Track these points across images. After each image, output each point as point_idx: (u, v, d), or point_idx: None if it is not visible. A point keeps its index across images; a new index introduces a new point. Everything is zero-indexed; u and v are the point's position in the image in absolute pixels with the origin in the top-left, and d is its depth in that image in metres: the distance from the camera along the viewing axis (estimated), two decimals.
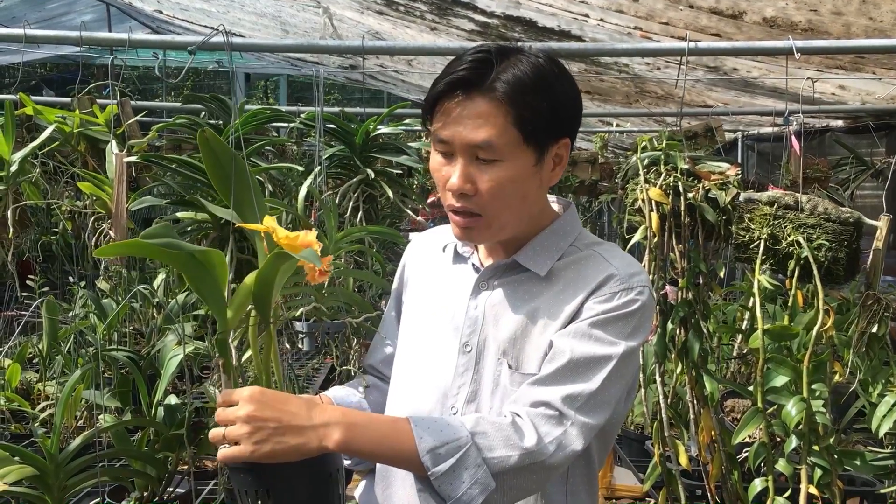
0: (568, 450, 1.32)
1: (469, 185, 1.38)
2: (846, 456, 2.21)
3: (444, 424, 1.30)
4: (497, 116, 1.36)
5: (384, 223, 2.76)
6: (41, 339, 3.12)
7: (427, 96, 1.44)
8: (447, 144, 1.40)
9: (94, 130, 2.51)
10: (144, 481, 2.28)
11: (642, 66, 4.42)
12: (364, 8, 4.78)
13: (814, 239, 2.15)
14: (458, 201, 1.40)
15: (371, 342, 1.81)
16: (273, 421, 1.23)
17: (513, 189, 1.40)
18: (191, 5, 6.06)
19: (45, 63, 10.30)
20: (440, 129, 1.40)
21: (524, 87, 1.37)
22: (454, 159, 1.40)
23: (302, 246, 1.29)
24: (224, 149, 1.56)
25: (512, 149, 1.38)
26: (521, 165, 1.39)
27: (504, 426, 1.30)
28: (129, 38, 2.42)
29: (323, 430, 1.25)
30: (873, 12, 2.78)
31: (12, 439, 2.72)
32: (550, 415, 1.32)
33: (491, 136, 1.36)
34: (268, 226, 1.31)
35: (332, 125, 2.65)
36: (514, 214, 1.43)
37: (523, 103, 1.36)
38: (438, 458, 1.26)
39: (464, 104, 1.37)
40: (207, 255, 1.32)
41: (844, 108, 4.41)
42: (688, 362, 2.40)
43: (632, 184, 2.48)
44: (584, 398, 1.34)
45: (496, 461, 1.28)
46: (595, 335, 1.37)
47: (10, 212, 2.31)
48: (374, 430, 1.29)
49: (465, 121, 1.37)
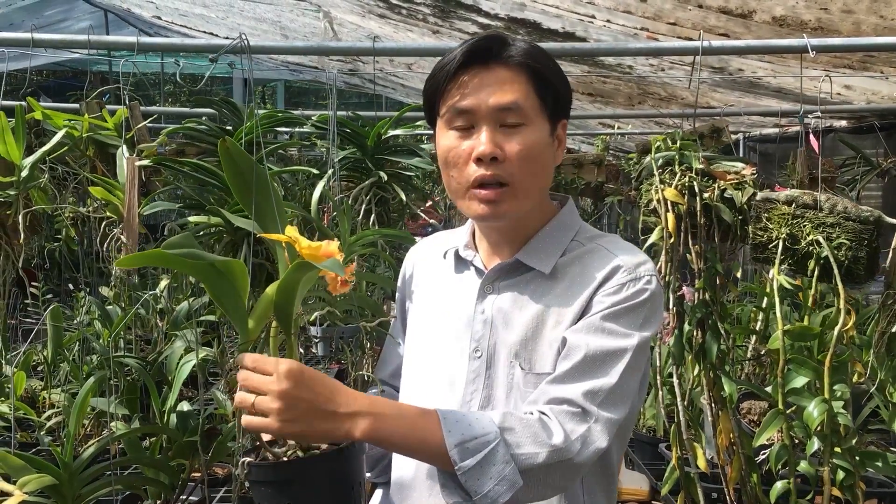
0: (593, 447, 1.30)
1: (499, 150, 1.38)
2: (868, 457, 2.19)
3: (472, 419, 1.27)
4: (520, 82, 1.39)
5: (396, 226, 2.74)
6: (45, 346, 3.09)
7: (433, 79, 1.43)
8: (468, 115, 1.39)
9: (104, 135, 2.48)
10: (157, 489, 2.26)
11: (646, 68, 4.41)
12: (366, 11, 4.76)
13: (833, 238, 2.13)
14: (488, 168, 1.38)
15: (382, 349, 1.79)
16: (306, 402, 1.20)
17: (537, 154, 1.41)
18: (190, 11, 6.04)
19: (42, 70, 10.26)
20: (460, 100, 1.40)
21: (539, 56, 1.41)
22: (474, 131, 1.40)
23: (324, 256, 1.26)
24: (245, 158, 1.53)
25: (535, 113, 1.40)
26: (542, 132, 1.41)
27: (532, 423, 1.28)
28: (137, 42, 2.40)
29: (353, 418, 1.22)
30: (884, 10, 2.77)
31: (19, 448, 2.70)
32: (574, 412, 1.30)
33: (519, 97, 1.38)
34: (290, 236, 1.29)
35: (344, 128, 2.63)
36: (537, 184, 1.43)
37: (542, 70, 1.41)
38: (466, 453, 1.24)
39: (483, 73, 1.39)
40: (228, 266, 1.29)
41: (851, 107, 4.39)
42: (705, 364, 2.38)
43: (646, 184, 2.46)
44: (605, 393, 1.32)
45: (524, 458, 1.26)
46: (608, 328, 1.36)
47: (20, 217, 2.29)
48: (402, 421, 1.26)
49: (488, 87, 1.38)
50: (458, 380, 1.47)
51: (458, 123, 1.41)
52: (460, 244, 1.57)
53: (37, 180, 2.37)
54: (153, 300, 3.03)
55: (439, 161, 1.48)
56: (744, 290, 3.30)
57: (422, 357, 1.56)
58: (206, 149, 2.38)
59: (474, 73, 1.39)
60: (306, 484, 1.29)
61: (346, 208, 2.27)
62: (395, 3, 4.37)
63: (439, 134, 1.46)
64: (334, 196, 2.40)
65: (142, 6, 6.31)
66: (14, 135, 2.32)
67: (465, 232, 1.60)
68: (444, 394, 1.48)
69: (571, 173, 4.09)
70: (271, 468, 1.34)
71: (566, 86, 1.48)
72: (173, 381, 2.37)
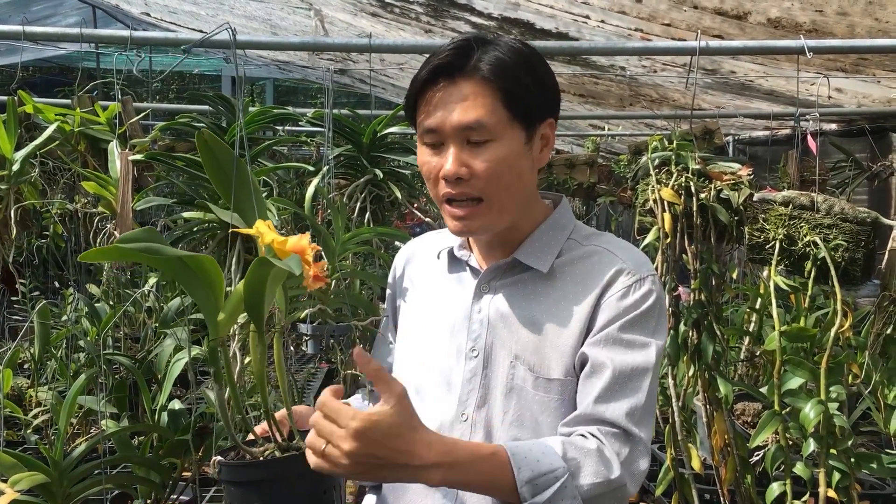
0: (641, 470, 1.33)
1: (464, 169, 1.36)
2: (863, 459, 2.19)
3: (539, 454, 1.27)
4: (485, 96, 1.35)
5: (391, 224, 2.72)
6: (32, 343, 3.06)
7: (408, 92, 1.42)
8: (435, 133, 1.37)
9: (96, 130, 2.45)
10: (148, 487, 2.23)
11: (639, 69, 4.41)
12: (358, 10, 4.74)
13: (830, 239, 2.13)
14: (454, 188, 1.37)
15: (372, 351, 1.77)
16: (379, 459, 1.18)
17: (508, 168, 1.37)
18: (179, 8, 6.00)
19: (28, 66, 10.19)
20: (426, 118, 1.38)
21: (507, 65, 1.36)
22: (444, 148, 1.38)
23: (290, 251, 1.23)
24: (224, 150, 1.51)
25: (502, 127, 1.36)
26: (513, 144, 1.38)
27: (592, 453, 1.29)
28: (130, 36, 2.37)
29: (427, 470, 1.21)
30: (879, 13, 2.78)
31: (5, 446, 2.67)
32: (618, 434, 1.32)
33: (481, 115, 1.34)
34: (257, 229, 1.26)
35: (341, 125, 2.61)
36: (513, 196, 1.41)
37: (509, 80, 1.36)
38: (536, 489, 1.24)
39: (448, 89, 1.36)
40: (198, 261, 1.27)
41: (841, 111, 4.42)
42: (700, 365, 2.37)
43: (643, 184, 2.46)
44: (640, 412, 1.34)
45: (587, 489, 1.27)
46: (627, 340, 1.36)
47: (11, 212, 2.26)
48: (474, 466, 1.25)
49: (452, 105, 1.35)
50: (455, 379, 1.45)
51: (428, 140, 1.40)
52: (454, 244, 1.56)
53: (28, 175, 2.34)
54: (142, 297, 3.00)
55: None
56: (736, 292, 3.30)
57: (416, 356, 1.55)
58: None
59: (440, 88, 1.37)
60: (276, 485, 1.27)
61: (341, 206, 2.25)
62: (387, 2, 4.35)
63: (418, 146, 1.45)
64: (328, 193, 2.38)
65: (130, 2, 6.26)
66: (5, 128, 2.29)
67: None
68: (441, 393, 1.47)
69: (564, 173, 4.09)
70: (242, 468, 1.32)
71: (546, 87, 1.44)
72: (164, 380, 2.34)
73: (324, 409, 1.20)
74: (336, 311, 2.36)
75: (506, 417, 1.40)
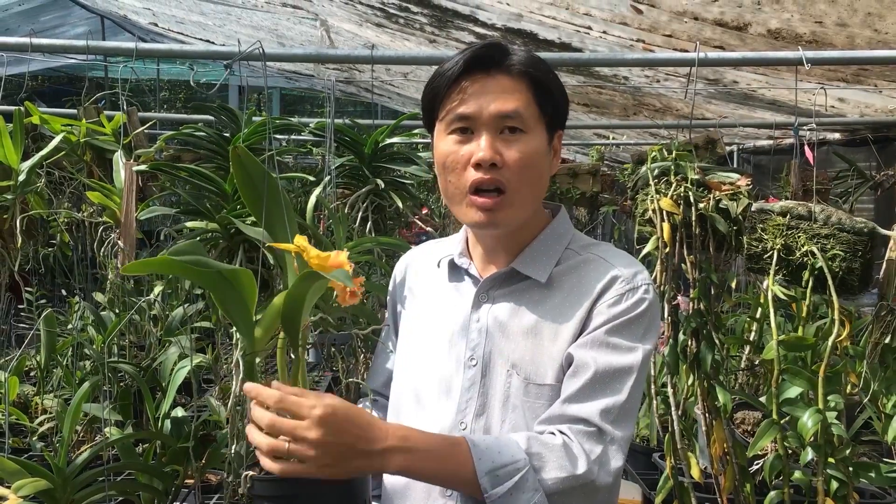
0: (613, 467, 1.33)
1: (498, 157, 1.39)
2: (862, 468, 2.19)
3: (501, 446, 1.30)
4: (521, 91, 1.41)
5: (393, 234, 2.74)
6: (38, 351, 3.08)
7: (435, 83, 1.44)
8: (469, 120, 1.41)
9: (101, 140, 2.48)
10: (151, 495, 2.25)
11: (642, 79, 4.43)
12: (363, 20, 4.77)
13: (828, 249, 2.14)
14: (486, 173, 1.39)
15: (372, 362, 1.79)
16: (343, 445, 1.20)
17: (535, 163, 1.42)
18: (187, 18, 6.05)
19: (38, 75, 10.26)
20: (459, 105, 1.41)
21: (540, 67, 1.43)
22: (474, 136, 1.41)
23: (333, 266, 1.26)
24: (256, 166, 1.52)
25: (535, 122, 1.42)
26: (540, 142, 1.43)
27: (557, 448, 1.30)
28: (136, 48, 2.40)
29: (386, 454, 1.24)
30: (878, 24, 2.79)
31: (11, 453, 2.68)
32: (590, 431, 1.33)
33: (519, 105, 1.40)
34: (299, 245, 1.28)
35: (342, 135, 2.64)
36: (532, 193, 1.44)
37: (541, 80, 1.42)
38: (497, 481, 1.26)
39: (485, 80, 1.41)
40: (235, 274, 1.29)
41: (844, 120, 4.42)
42: (700, 373, 2.38)
43: (642, 194, 2.47)
44: (617, 411, 1.35)
45: (550, 483, 1.28)
46: (613, 342, 1.38)
47: (17, 221, 2.29)
48: (433, 453, 1.28)
49: (490, 94, 1.40)
50: (454, 388, 1.47)
51: (458, 126, 1.42)
52: (454, 252, 1.58)
53: (34, 185, 2.37)
54: (147, 306, 3.03)
55: (437, 166, 1.48)
56: (738, 301, 3.31)
57: (415, 364, 1.56)
58: (203, 155, 2.39)
59: (476, 79, 1.41)
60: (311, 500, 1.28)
61: (342, 216, 2.27)
62: (392, 13, 4.38)
63: (438, 138, 1.47)
64: (330, 203, 2.40)
65: (138, 13, 6.32)
66: (12, 139, 2.32)
67: (458, 240, 1.60)
68: (440, 401, 1.48)
69: (567, 183, 4.11)
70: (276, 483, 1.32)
71: (564, 97, 1.49)
72: (167, 387, 2.36)
73: (282, 404, 1.20)
74: (338, 320, 2.38)
75: (504, 426, 1.41)
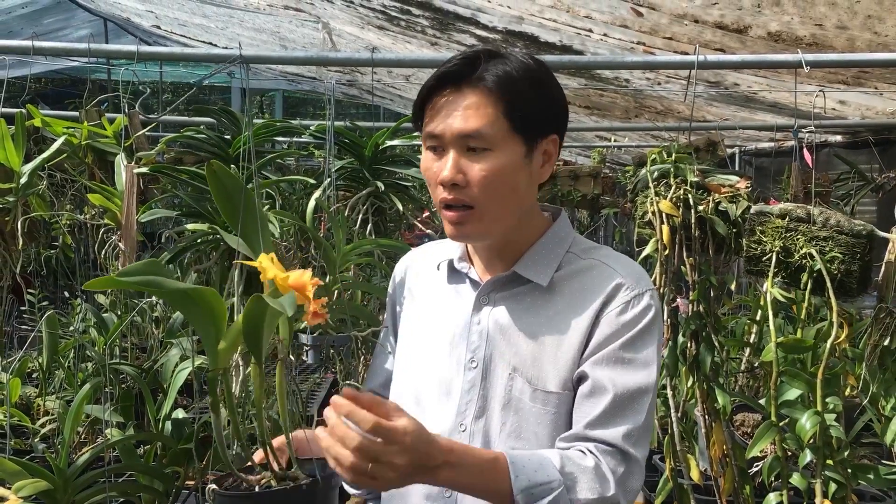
0: (632, 487, 1.36)
1: (460, 176, 1.39)
2: (860, 470, 2.20)
3: (537, 464, 1.31)
4: (487, 106, 1.38)
5: (393, 236, 2.75)
6: (40, 353, 3.09)
7: (416, 99, 1.45)
8: (437, 139, 1.41)
9: (103, 143, 2.50)
10: (152, 496, 2.26)
11: (643, 82, 4.43)
12: (365, 23, 4.78)
13: (826, 251, 2.14)
14: (450, 193, 1.40)
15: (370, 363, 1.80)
16: (413, 465, 1.21)
17: (503, 179, 1.40)
18: (189, 21, 6.05)
19: (41, 78, 10.28)
20: (430, 124, 1.42)
21: (513, 78, 1.40)
22: (444, 153, 1.41)
23: (291, 287, 1.25)
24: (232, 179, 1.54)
25: (502, 138, 1.39)
26: (511, 156, 1.40)
27: (589, 470, 1.32)
28: (137, 51, 2.41)
29: (437, 470, 1.25)
30: (878, 27, 2.80)
31: (13, 454, 2.69)
32: (614, 452, 1.35)
33: (481, 125, 1.38)
34: (260, 263, 1.29)
35: (343, 138, 2.65)
36: (505, 207, 1.43)
37: (513, 93, 1.39)
38: (531, 498, 1.28)
39: (453, 97, 1.40)
40: (199, 293, 1.30)
41: (846, 122, 4.42)
42: (699, 375, 2.39)
43: (642, 196, 2.48)
44: (637, 433, 1.38)
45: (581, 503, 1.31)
46: (627, 359, 1.39)
47: (19, 223, 2.30)
48: (476, 469, 1.29)
49: (455, 112, 1.39)
50: (454, 389, 1.47)
51: (430, 144, 1.44)
52: (454, 255, 1.58)
53: (36, 187, 2.38)
54: (149, 308, 3.04)
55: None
56: (738, 303, 3.31)
57: (415, 366, 1.57)
58: (205, 157, 2.40)
59: (445, 95, 1.41)
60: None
61: (342, 218, 2.28)
62: (393, 16, 4.39)
63: (422, 150, 1.49)
64: (330, 206, 2.41)
65: (141, 15, 6.33)
66: (14, 142, 2.33)
67: (457, 244, 1.61)
68: (440, 403, 1.49)
69: (568, 185, 4.12)
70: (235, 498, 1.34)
71: (557, 100, 1.46)
72: (169, 389, 2.37)
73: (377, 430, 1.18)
74: (338, 321, 2.39)
75: (504, 429, 1.42)
